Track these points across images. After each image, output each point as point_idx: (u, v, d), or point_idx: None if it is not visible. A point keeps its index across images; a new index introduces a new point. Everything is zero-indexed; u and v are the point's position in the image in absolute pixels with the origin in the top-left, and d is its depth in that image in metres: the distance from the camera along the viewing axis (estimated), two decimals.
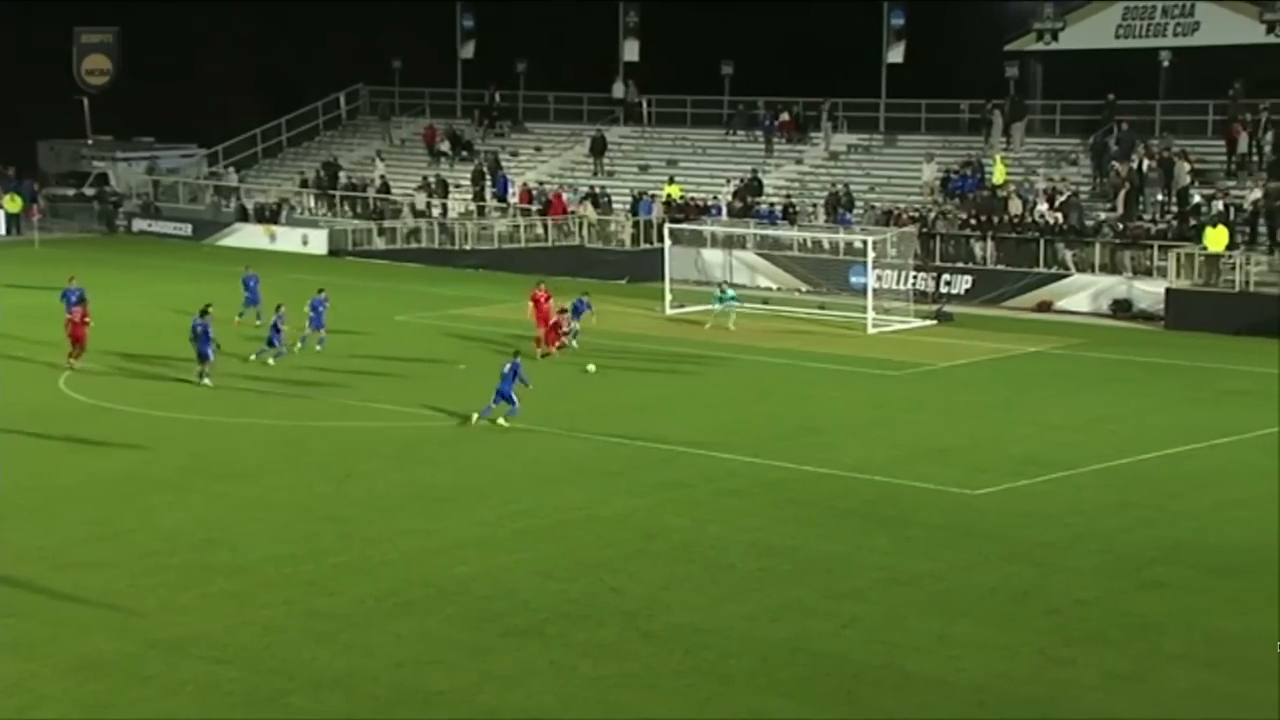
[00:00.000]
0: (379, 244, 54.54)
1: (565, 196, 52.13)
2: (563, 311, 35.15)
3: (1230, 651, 17.36)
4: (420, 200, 55.00)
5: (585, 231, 50.28)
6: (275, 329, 33.61)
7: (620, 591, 19.33)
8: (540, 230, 51.07)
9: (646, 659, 17.19)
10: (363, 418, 29.05)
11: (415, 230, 53.97)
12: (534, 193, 53.22)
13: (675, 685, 16.54)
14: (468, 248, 51.84)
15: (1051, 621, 18.25)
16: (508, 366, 28.16)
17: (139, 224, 61.88)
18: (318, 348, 34.87)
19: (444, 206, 54.72)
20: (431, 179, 56.23)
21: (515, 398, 27.84)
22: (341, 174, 58.68)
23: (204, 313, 31.88)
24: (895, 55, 51.89)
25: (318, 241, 55.32)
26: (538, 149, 58.60)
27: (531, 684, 16.56)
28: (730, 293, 39.15)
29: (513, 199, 53.64)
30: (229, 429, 28.24)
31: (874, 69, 52.20)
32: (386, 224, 54.89)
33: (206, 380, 31.39)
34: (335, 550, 21.02)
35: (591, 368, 32.78)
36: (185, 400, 30.50)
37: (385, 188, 57.05)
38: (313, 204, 58.73)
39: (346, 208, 57.50)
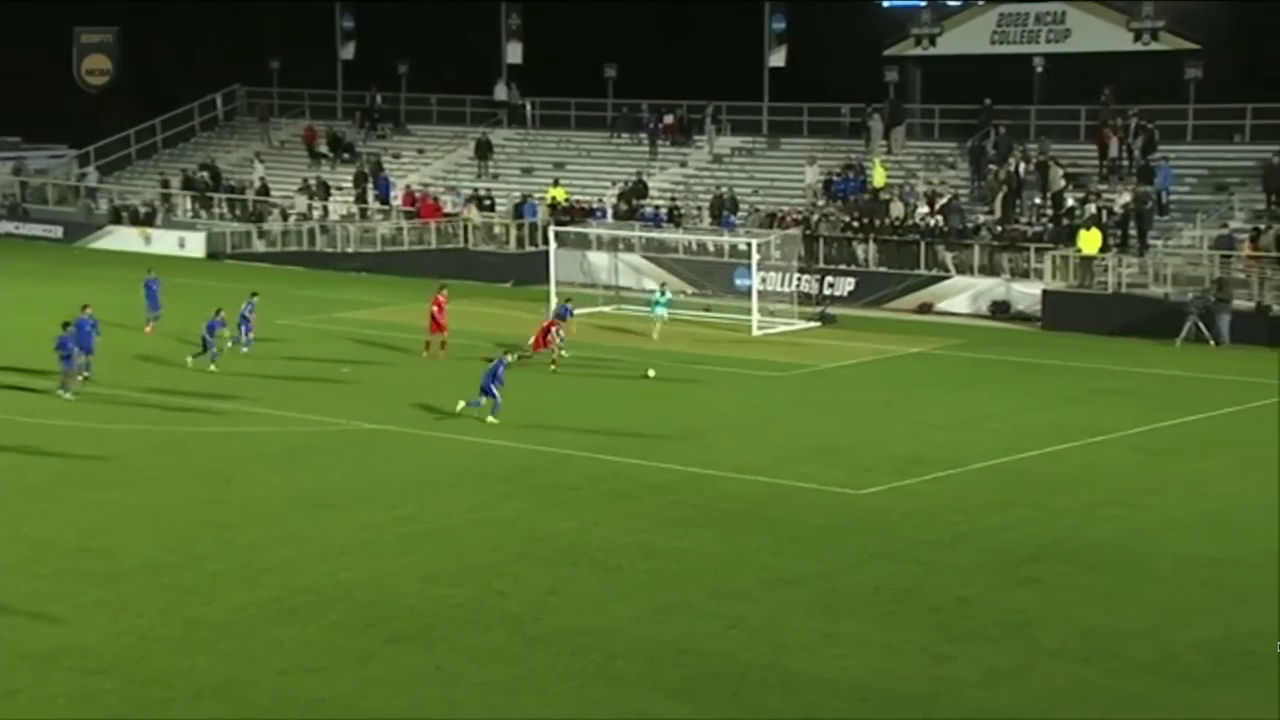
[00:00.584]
0: (259, 246, 53.70)
1: (448, 200, 51.77)
2: (558, 318, 34.94)
3: (1104, 646, 17.72)
4: (301, 202, 54.28)
5: (470, 234, 50.00)
6: (210, 331, 33.21)
7: (506, 595, 19.23)
8: (424, 233, 50.67)
9: (533, 662, 17.12)
10: (244, 423, 28.57)
11: (296, 232, 53.25)
12: (416, 195, 52.81)
13: (562, 688, 16.49)
14: (350, 250, 51.25)
15: (933, 619, 18.49)
16: (493, 363, 28.39)
17: (5, 226, 60.14)
18: (244, 349, 34.45)
19: (325, 209, 54.07)
20: (312, 181, 55.49)
21: (496, 394, 28.06)
22: (204, 174, 57.61)
23: (65, 325, 30.94)
24: (777, 59, 52.33)
25: (195, 244, 54.31)
26: (420, 151, 58.12)
27: (416, 690, 16.40)
28: (667, 296, 38.84)
29: (395, 201, 53.15)
30: (105, 435, 27.60)
31: (756, 72, 52.55)
32: (266, 226, 54.11)
33: (67, 394, 30.24)
34: (215, 557, 20.65)
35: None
36: (58, 407, 29.75)
37: (265, 190, 56.22)
38: (190, 206, 57.67)
39: (224, 209, 56.57)
